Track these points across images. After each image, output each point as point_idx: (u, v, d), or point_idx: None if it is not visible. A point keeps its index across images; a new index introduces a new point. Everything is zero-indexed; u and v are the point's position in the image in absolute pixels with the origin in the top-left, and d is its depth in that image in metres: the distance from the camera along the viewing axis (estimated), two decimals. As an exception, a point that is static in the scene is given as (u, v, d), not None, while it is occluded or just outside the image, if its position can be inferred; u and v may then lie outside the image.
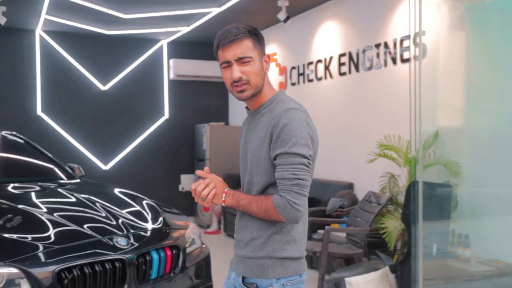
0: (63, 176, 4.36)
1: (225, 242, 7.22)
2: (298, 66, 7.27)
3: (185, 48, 8.82)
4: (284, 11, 6.53)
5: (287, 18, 6.58)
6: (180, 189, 8.82)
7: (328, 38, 6.61)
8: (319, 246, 4.61)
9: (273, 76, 7.89)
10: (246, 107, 2.06)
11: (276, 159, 1.86)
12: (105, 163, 8.34)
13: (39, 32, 7.91)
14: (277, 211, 1.83)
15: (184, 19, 7.40)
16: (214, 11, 6.91)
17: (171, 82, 8.81)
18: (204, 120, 8.82)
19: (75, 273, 2.72)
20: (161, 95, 8.77)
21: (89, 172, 7.01)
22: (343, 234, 5.07)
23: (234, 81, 1.91)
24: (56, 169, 4.45)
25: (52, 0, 6.31)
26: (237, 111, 9.02)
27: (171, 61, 8.66)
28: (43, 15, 6.99)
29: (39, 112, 7.92)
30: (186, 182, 8.85)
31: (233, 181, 7.68)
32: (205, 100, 9.06)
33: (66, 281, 2.69)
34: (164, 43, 8.73)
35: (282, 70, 7.67)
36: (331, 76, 6.54)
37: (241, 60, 1.91)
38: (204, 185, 1.93)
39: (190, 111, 8.93)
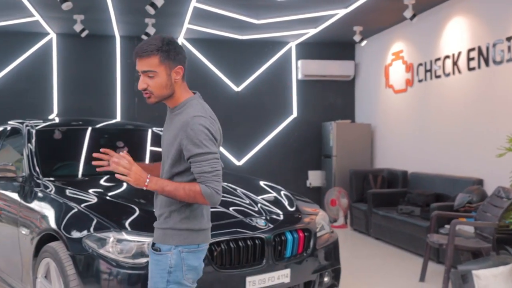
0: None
1: (352, 236, 7.44)
2: (425, 63, 7.28)
3: (312, 49, 9.19)
4: (410, 8, 6.62)
5: (414, 16, 6.66)
6: (308, 185, 9.20)
7: (456, 33, 6.57)
8: (446, 239, 4.70)
9: (400, 74, 7.96)
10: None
11: (191, 158, 2.26)
12: (239, 159, 8.98)
13: (181, 40, 8.75)
14: (205, 198, 2.26)
15: (312, 22, 7.75)
16: (341, 12, 7.17)
17: (299, 82, 9.22)
18: (330, 118, 9.11)
19: (222, 247, 3.17)
20: (289, 94, 9.22)
21: (224, 167, 7.63)
22: (471, 229, 5.07)
23: (144, 90, 2.34)
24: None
25: (194, 11, 7.02)
26: (364, 108, 9.18)
27: (299, 62, 9.07)
28: (186, 25, 7.77)
29: (180, 112, 8.75)
30: (313, 178, 9.21)
31: (360, 178, 7.90)
32: (331, 99, 9.36)
33: (215, 253, 3.15)
34: (292, 45, 9.17)
35: (409, 67, 7.71)
36: (459, 71, 6.50)
37: (146, 73, 2.31)
38: (126, 165, 2.24)
39: (317, 109, 9.28)
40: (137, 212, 3.33)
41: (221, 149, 8.77)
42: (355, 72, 9.32)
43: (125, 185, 3.85)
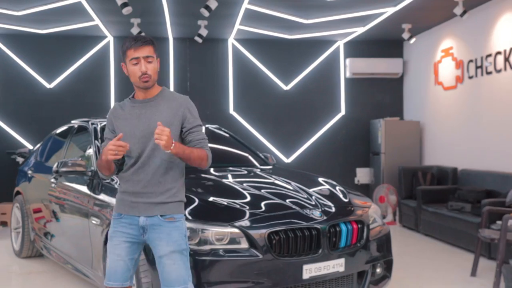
0: (257, 164, 5.12)
1: (401, 233, 7.49)
2: (476, 59, 7.25)
3: (360, 47, 9.26)
4: (461, 5, 6.63)
5: (464, 12, 6.66)
6: (356, 182, 9.28)
7: (508, 28, 6.54)
8: (497, 234, 4.73)
9: (449, 70, 7.95)
10: (131, 98, 2.87)
11: (193, 128, 2.82)
12: (287, 156, 9.16)
13: (231, 40, 9.00)
14: (208, 159, 2.84)
15: (361, 20, 7.85)
16: (390, 10, 7.24)
17: (347, 80, 9.32)
18: (379, 115, 9.17)
19: (281, 236, 3.36)
20: (337, 92, 9.33)
21: (276, 163, 7.82)
22: (524, 225, 5.07)
23: (142, 73, 2.73)
24: (252, 158, 5.24)
25: (246, 13, 7.25)
26: (413, 106, 9.19)
27: (347, 60, 9.17)
28: (237, 26, 8.01)
29: (231, 111, 9.03)
30: (361, 175, 9.28)
31: (409, 175, 7.93)
32: (379, 96, 9.41)
33: (274, 242, 3.34)
34: (340, 43, 9.27)
35: (459, 64, 7.69)
36: (511, 67, 6.46)
37: (146, 59, 2.74)
38: (166, 133, 2.58)
39: (365, 107, 9.35)
40: (197, 202, 3.55)
41: (270, 146, 8.99)
42: (403, 70, 9.33)
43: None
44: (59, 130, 5.87)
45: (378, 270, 3.96)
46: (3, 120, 8.63)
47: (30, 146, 8.50)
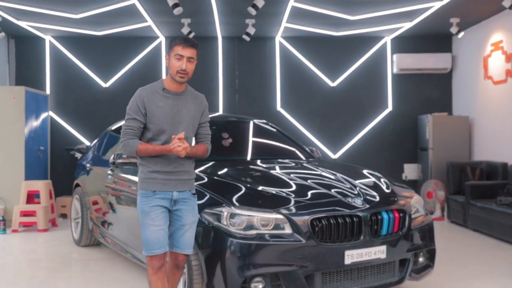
0: (302, 157, 5.27)
1: (449, 228, 7.45)
2: (527, 53, 7.14)
3: (408, 42, 9.24)
4: (509, -2, 6.55)
5: (513, 5, 6.58)
6: (404, 178, 9.27)
7: (560, 21, 6.42)
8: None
9: (499, 64, 7.84)
10: (165, 89, 3.24)
11: (205, 122, 3.41)
12: (334, 152, 9.24)
13: (278, 38, 9.18)
14: (208, 151, 3.40)
15: (408, 15, 7.85)
16: (437, 4, 7.22)
17: (394, 76, 9.32)
18: (426, 111, 9.12)
19: (323, 222, 3.51)
20: (384, 88, 9.34)
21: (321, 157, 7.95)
22: None
23: (181, 69, 3.14)
24: (298, 151, 5.40)
25: (292, 10, 7.40)
26: (461, 101, 9.09)
27: (395, 56, 9.16)
28: (283, 24, 8.17)
29: (278, 107, 9.20)
30: (409, 171, 9.26)
31: (457, 170, 7.88)
32: (427, 92, 9.35)
33: (317, 228, 3.49)
34: (387, 39, 9.28)
35: (509, 58, 7.58)
36: None
37: (189, 59, 3.16)
38: (184, 144, 3.11)
39: (412, 103, 9.32)
40: (243, 190, 3.75)
41: (317, 142, 9.10)
42: (452, 65, 9.24)
43: (228, 167, 4.39)
44: (114, 127, 6.19)
45: (420, 259, 4.04)
46: (63, 118, 9.13)
47: (87, 143, 8.96)
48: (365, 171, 4.65)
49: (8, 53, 9.00)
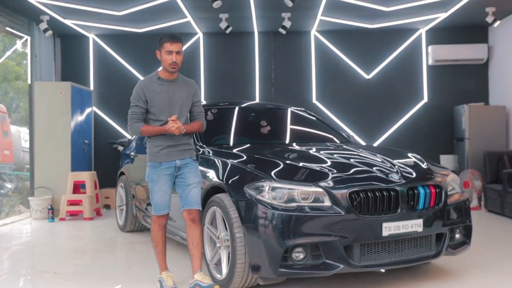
0: (340, 143, 5.41)
1: (486, 217, 7.44)
2: None
3: (443, 34, 9.26)
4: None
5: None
6: (440, 169, 9.25)
7: None
8: None
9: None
10: (160, 78, 3.95)
11: (198, 102, 4.08)
12: (370, 144, 9.32)
13: (313, 32, 9.33)
14: (203, 126, 4.10)
15: (442, 6, 7.89)
16: (472, -6, 7.25)
17: (429, 67, 9.35)
18: (462, 101, 9.11)
19: (361, 195, 3.65)
20: (420, 80, 9.38)
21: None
22: None
23: (173, 62, 3.82)
24: (335, 138, 5.54)
25: (327, 3, 7.55)
26: (498, 91, 9.05)
27: (430, 47, 9.20)
28: (318, 17, 8.32)
29: (314, 100, 9.35)
30: (445, 162, 9.26)
31: (494, 159, 7.87)
32: (463, 83, 9.34)
33: (355, 202, 3.64)
34: (422, 31, 9.32)
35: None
36: None
37: (178, 53, 3.85)
38: (177, 124, 3.80)
39: (448, 94, 9.33)
40: (283, 165, 3.93)
41: (353, 134, 9.21)
42: (488, 55, 9.21)
43: (267, 148, 4.57)
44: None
45: (457, 235, 4.13)
46: (106, 113, 9.49)
47: (129, 136, 9.29)
48: (405, 153, 4.75)
49: (55, 51, 9.42)
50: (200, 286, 3.84)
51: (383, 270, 4.32)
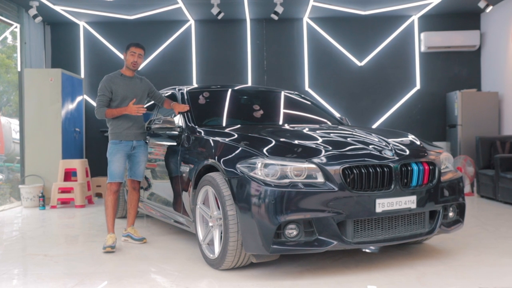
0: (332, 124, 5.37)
1: (479, 202, 7.45)
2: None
3: (435, 20, 9.25)
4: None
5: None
6: (432, 156, 9.26)
7: None
8: None
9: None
10: (122, 74, 4.95)
11: (153, 90, 5.17)
12: (362, 131, 9.31)
13: (306, 19, 9.29)
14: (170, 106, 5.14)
15: (434, -9, 7.87)
16: (464, -22, 7.23)
17: (422, 54, 9.34)
18: (455, 88, 9.12)
19: (355, 171, 3.62)
20: (412, 67, 9.37)
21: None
22: None
23: (134, 61, 4.87)
24: (328, 121, 5.50)
25: (319, -13, 7.51)
26: (490, 77, 9.06)
27: (422, 34, 9.19)
28: (311, 3, 8.28)
29: (306, 87, 9.31)
30: (438, 149, 9.26)
31: (487, 144, 7.88)
32: (456, 69, 9.35)
33: (348, 179, 3.61)
34: (415, 18, 9.30)
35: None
36: None
37: (140, 55, 4.92)
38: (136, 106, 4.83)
39: (441, 80, 9.33)
40: (274, 142, 3.88)
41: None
42: (480, 42, 9.21)
43: (260, 128, 4.49)
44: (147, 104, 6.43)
45: (450, 213, 4.12)
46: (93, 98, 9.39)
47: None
48: (399, 132, 4.73)
49: (45, 39, 9.32)
50: (131, 237, 5.03)
51: (372, 248, 4.29)
